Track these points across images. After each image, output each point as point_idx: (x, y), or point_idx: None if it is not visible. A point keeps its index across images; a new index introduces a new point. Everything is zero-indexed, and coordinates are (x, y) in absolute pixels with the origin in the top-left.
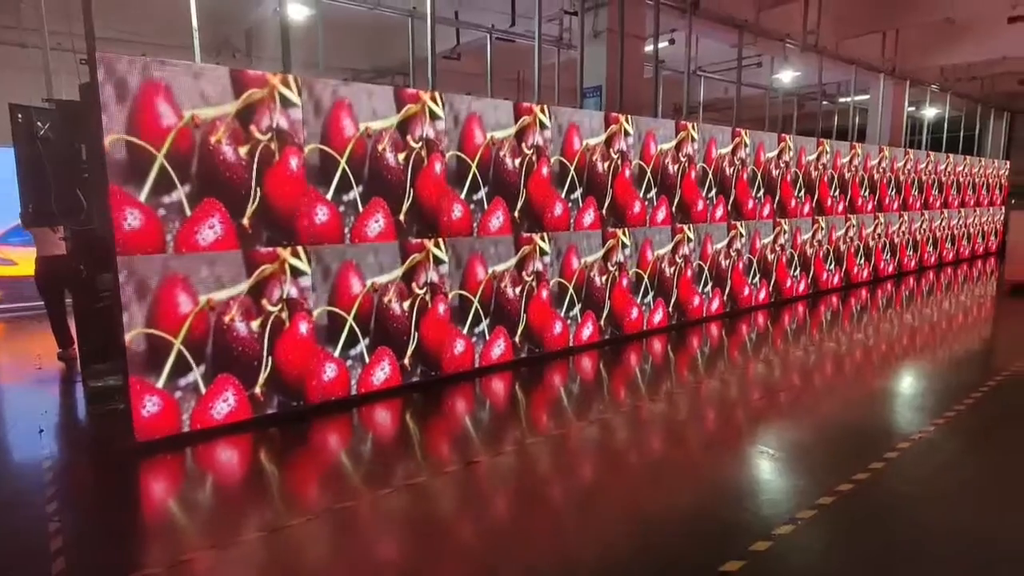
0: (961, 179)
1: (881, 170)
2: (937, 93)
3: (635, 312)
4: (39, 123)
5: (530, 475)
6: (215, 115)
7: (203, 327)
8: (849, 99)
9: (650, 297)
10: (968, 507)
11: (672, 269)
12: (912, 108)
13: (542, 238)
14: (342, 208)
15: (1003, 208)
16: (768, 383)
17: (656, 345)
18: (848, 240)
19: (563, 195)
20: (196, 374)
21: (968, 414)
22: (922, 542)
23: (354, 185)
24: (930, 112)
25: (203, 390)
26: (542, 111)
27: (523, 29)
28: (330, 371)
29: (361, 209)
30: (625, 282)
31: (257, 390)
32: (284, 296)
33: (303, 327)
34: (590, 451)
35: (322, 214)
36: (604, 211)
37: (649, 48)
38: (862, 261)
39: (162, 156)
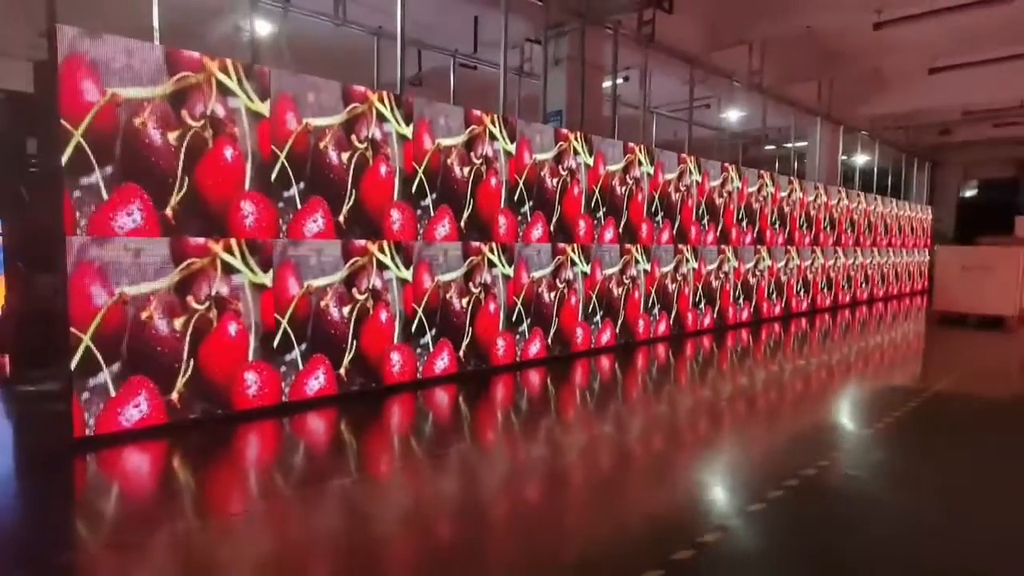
0: (888, 221)
1: (816, 207)
2: (867, 140)
3: (581, 332)
4: None
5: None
6: (143, 96)
7: (119, 322)
8: (790, 144)
9: (598, 316)
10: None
11: (620, 290)
12: (844, 157)
13: (491, 249)
14: (280, 205)
15: (927, 251)
16: (714, 407)
17: (603, 363)
18: (788, 272)
19: (511, 207)
20: (106, 375)
21: (908, 415)
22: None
23: (294, 182)
24: (861, 159)
25: (113, 392)
26: (492, 121)
27: (485, 57)
28: (261, 377)
29: (300, 206)
30: (574, 300)
31: (174, 395)
32: (212, 294)
33: (232, 328)
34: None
35: (257, 209)
36: (553, 227)
37: (607, 84)
38: (800, 293)
39: (79, 135)
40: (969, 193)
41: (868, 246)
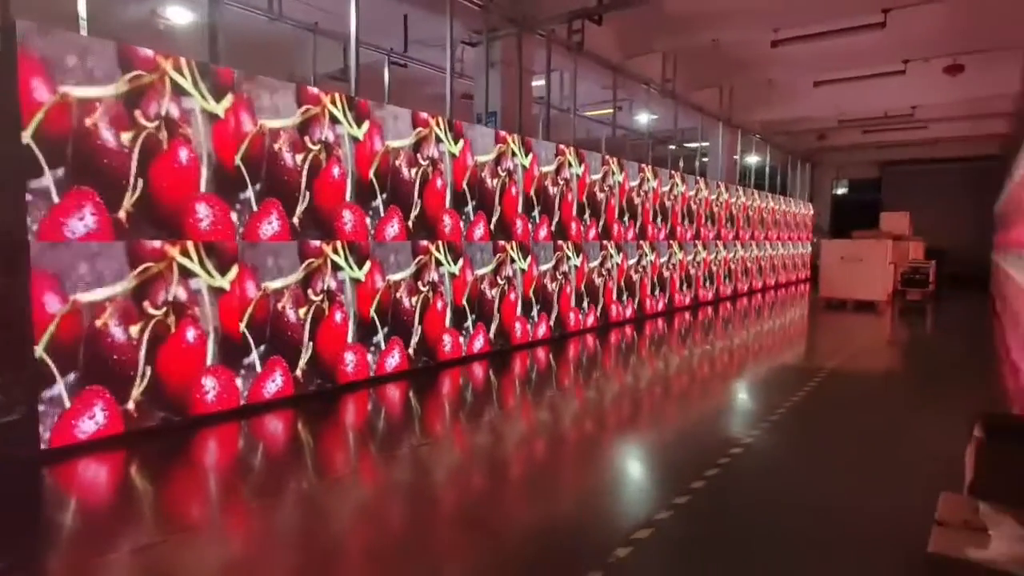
0: (777, 216)
1: (719, 204)
2: (759, 143)
3: (519, 327)
4: None
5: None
6: (95, 96)
7: (74, 331)
8: (696, 144)
9: (535, 311)
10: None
11: (554, 285)
12: (736, 156)
13: (437, 248)
14: (236, 207)
15: (810, 244)
16: (635, 392)
17: (539, 355)
18: (696, 264)
19: (456, 208)
20: (61, 386)
21: (814, 391)
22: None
23: (249, 184)
24: (753, 159)
25: (68, 404)
26: (438, 124)
27: (415, 55)
28: (219, 382)
29: (256, 208)
30: (513, 296)
31: (131, 404)
32: (170, 299)
33: (190, 334)
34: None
35: (213, 211)
36: (493, 226)
37: (537, 83)
38: (707, 284)
39: (29, 136)
40: (841, 191)
41: (762, 239)
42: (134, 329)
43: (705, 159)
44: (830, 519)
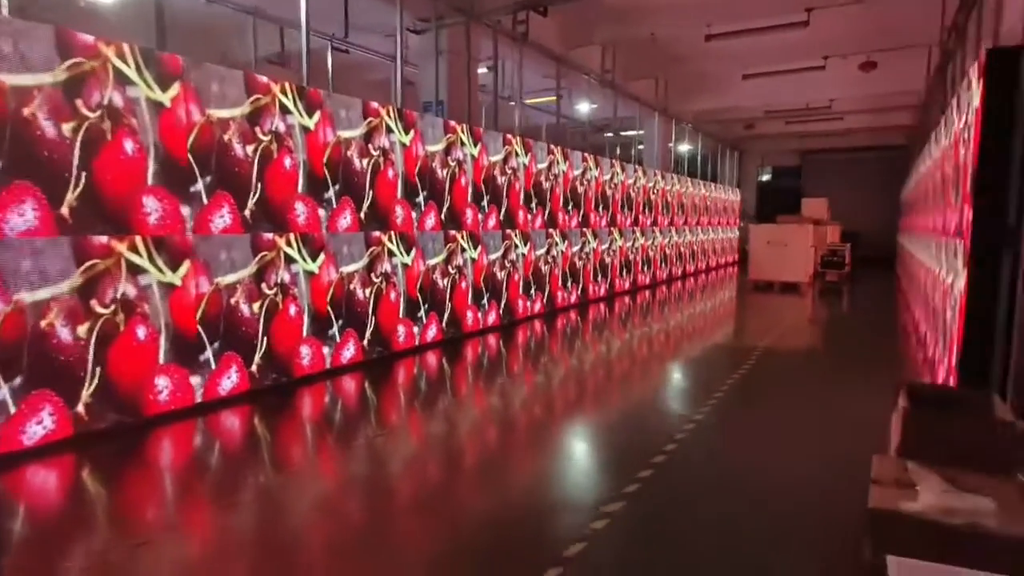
0: (709, 203)
1: (655, 191)
2: (692, 131)
3: (471, 315)
4: None
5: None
6: (33, 84)
7: (17, 332)
8: (632, 132)
9: (485, 299)
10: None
11: (503, 273)
12: (670, 146)
13: (390, 239)
14: (186, 199)
15: (737, 229)
16: (590, 371)
17: (490, 341)
18: (634, 250)
19: (407, 198)
20: (4, 392)
21: (753, 367)
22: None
23: (199, 176)
24: (685, 148)
25: (12, 409)
26: (388, 114)
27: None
28: (172, 381)
29: (206, 201)
30: (464, 284)
31: (81, 407)
32: (119, 296)
33: (140, 332)
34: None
35: (162, 204)
36: (444, 216)
37: (481, 71)
38: (645, 268)
39: None
40: (765, 177)
41: (694, 225)
42: (82, 329)
43: (641, 147)
44: (782, 484)
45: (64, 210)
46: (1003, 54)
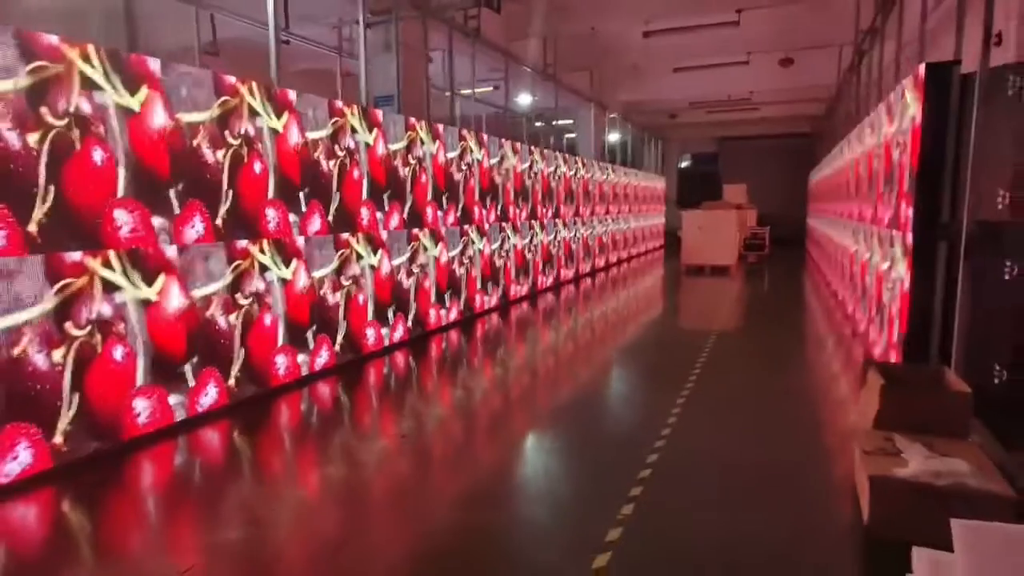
0: (637, 191)
1: (593, 183)
2: (621, 121)
3: (433, 313)
4: None
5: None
6: None
7: None
8: (567, 121)
9: (447, 296)
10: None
11: (461, 269)
12: (603, 137)
13: (357, 240)
14: (157, 210)
15: (662, 212)
16: (555, 355)
17: (453, 337)
18: (576, 240)
19: (372, 199)
20: None
21: (713, 351)
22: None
23: (171, 184)
24: (614, 137)
25: None
26: (353, 113)
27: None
28: (151, 401)
29: (178, 211)
30: (427, 283)
31: (59, 437)
32: (94, 317)
33: (118, 352)
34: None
35: (133, 216)
36: (407, 214)
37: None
38: (586, 257)
39: None
40: (684, 164)
41: (626, 213)
42: (57, 354)
43: (572, 135)
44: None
45: (32, 227)
46: (939, 69)
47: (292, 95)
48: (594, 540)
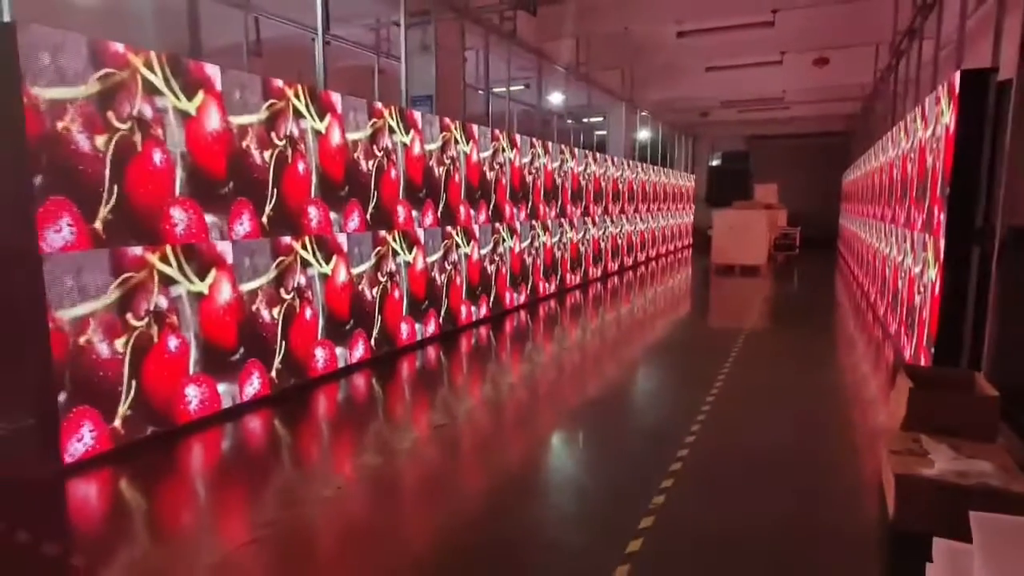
0: (668, 189)
1: (623, 181)
2: (651, 119)
3: (464, 309)
4: None
5: None
6: (68, 96)
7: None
8: (597, 119)
9: (477, 293)
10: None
11: (492, 267)
12: (633, 135)
13: (394, 238)
14: (211, 207)
15: (691, 211)
16: (595, 348)
17: (483, 333)
18: (606, 239)
19: (408, 197)
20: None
21: (744, 346)
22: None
23: (223, 184)
24: (644, 134)
25: (60, 424)
26: (391, 115)
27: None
28: (201, 389)
29: (229, 209)
30: (459, 280)
31: (117, 422)
32: (152, 308)
33: (172, 343)
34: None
35: (188, 214)
36: (440, 213)
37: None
38: (615, 256)
39: None
40: (715, 162)
41: (656, 211)
42: (119, 343)
43: (602, 133)
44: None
45: (98, 224)
46: (974, 76)
47: (335, 98)
48: (627, 527)
